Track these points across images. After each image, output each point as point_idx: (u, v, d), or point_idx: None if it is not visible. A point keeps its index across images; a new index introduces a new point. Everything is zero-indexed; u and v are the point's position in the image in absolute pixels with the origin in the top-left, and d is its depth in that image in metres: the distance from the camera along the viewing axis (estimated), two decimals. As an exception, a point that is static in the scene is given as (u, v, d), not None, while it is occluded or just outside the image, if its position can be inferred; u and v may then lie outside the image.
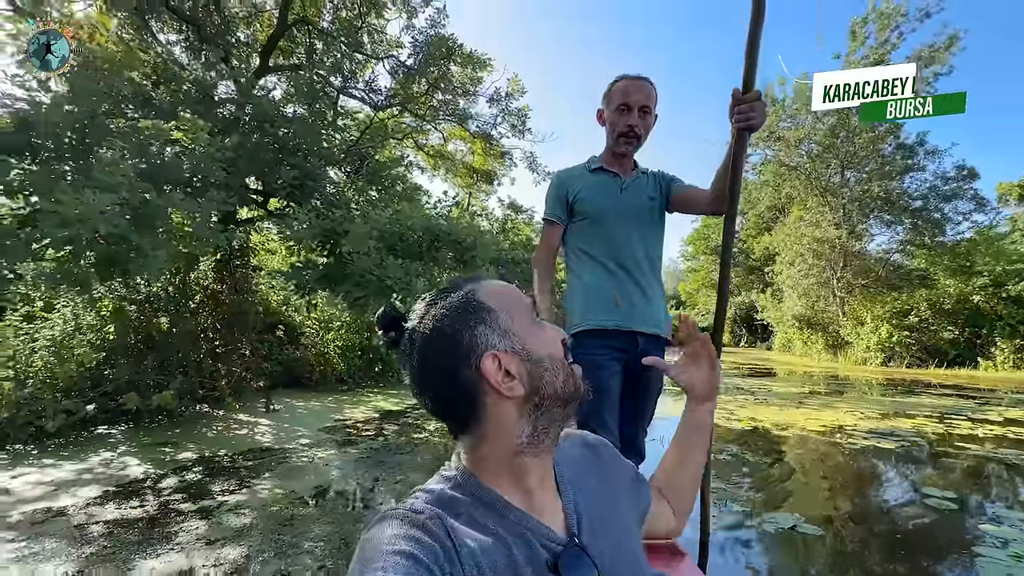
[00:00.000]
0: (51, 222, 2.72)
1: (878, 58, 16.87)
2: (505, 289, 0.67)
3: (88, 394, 5.17)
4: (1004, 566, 2.41)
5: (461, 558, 0.53)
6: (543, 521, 0.62)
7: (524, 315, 0.65)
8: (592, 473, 0.74)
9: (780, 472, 4.11)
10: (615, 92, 1.67)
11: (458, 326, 0.62)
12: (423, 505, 0.58)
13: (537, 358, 0.63)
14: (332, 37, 8.30)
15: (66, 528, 2.77)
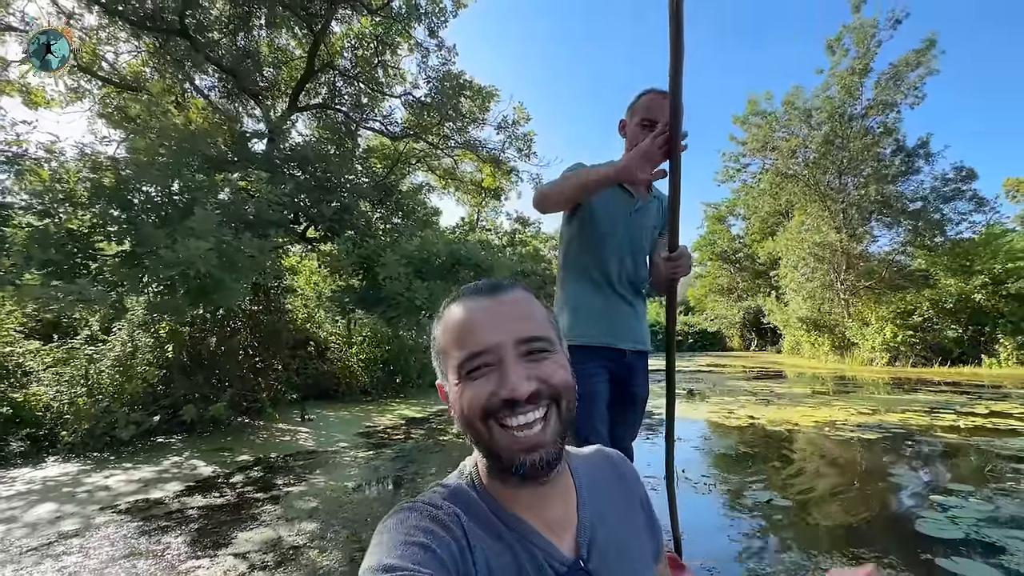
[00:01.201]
0: (157, 263, 3.37)
1: (862, 68, 17.44)
2: (451, 331, 0.63)
3: (151, 407, 5.83)
4: (940, 525, 2.94)
5: (475, 558, 0.53)
6: (551, 538, 0.60)
7: (450, 363, 0.62)
8: (613, 497, 0.71)
9: (765, 459, 4.64)
10: (639, 106, 1.65)
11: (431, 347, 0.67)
12: (442, 501, 0.58)
13: (453, 407, 0.62)
14: (353, 78, 9.09)
15: (168, 512, 3.39)
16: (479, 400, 0.57)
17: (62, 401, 5.50)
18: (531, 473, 0.57)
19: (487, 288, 0.64)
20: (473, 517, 0.58)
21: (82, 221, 4.08)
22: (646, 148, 1.29)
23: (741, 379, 13.33)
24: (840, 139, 18.91)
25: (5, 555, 2.73)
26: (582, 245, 1.73)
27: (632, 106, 1.68)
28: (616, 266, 1.70)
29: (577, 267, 1.76)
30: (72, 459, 4.95)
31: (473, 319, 0.61)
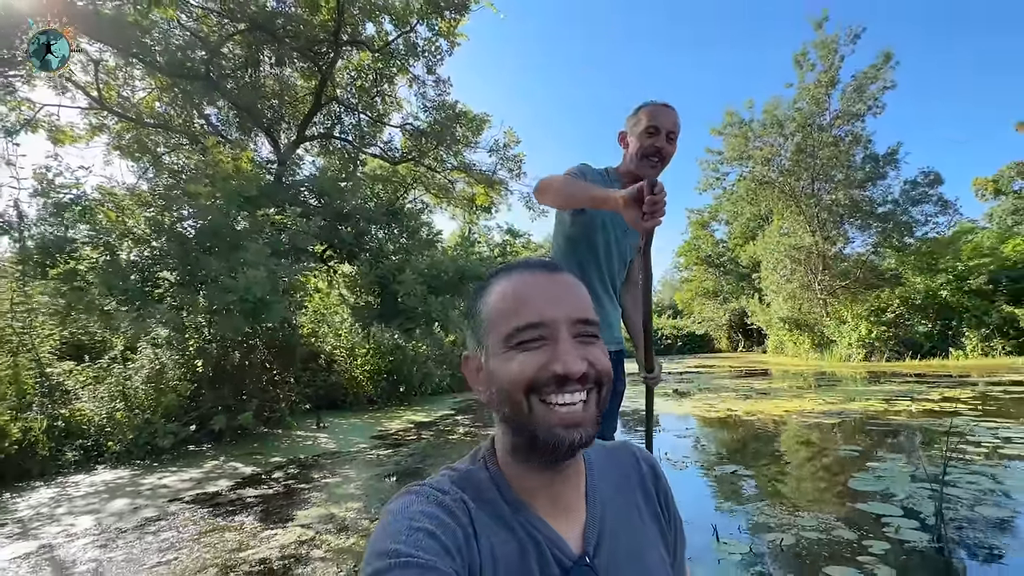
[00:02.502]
0: (215, 289, 3.99)
1: (828, 81, 18.59)
2: (504, 301, 0.60)
3: (184, 418, 6.37)
4: (867, 482, 3.64)
5: (480, 545, 0.52)
6: (558, 529, 0.58)
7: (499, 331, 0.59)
8: (630, 495, 0.68)
9: (735, 442, 5.34)
10: (643, 115, 1.70)
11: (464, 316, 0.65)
12: (449, 485, 0.57)
13: (491, 380, 0.59)
14: (356, 110, 9.80)
15: (230, 501, 3.98)
16: (527, 372, 0.55)
17: (100, 415, 6.04)
18: (567, 450, 0.55)
19: (541, 265, 0.63)
20: (480, 503, 0.56)
21: (143, 255, 4.70)
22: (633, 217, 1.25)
23: (726, 378, 14.07)
24: (811, 147, 19.98)
25: (108, 536, 3.32)
26: (582, 245, 1.76)
27: (634, 116, 1.72)
28: (607, 269, 1.78)
29: (574, 266, 1.78)
30: (120, 466, 5.50)
31: (531, 291, 0.59)
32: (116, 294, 4.59)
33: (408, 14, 9.07)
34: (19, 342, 6.05)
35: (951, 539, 2.59)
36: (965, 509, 3.02)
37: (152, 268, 4.78)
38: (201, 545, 3.04)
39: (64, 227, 4.83)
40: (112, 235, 4.67)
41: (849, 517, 3.01)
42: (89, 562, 2.88)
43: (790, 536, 2.74)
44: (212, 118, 8.85)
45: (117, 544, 3.13)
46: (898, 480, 3.65)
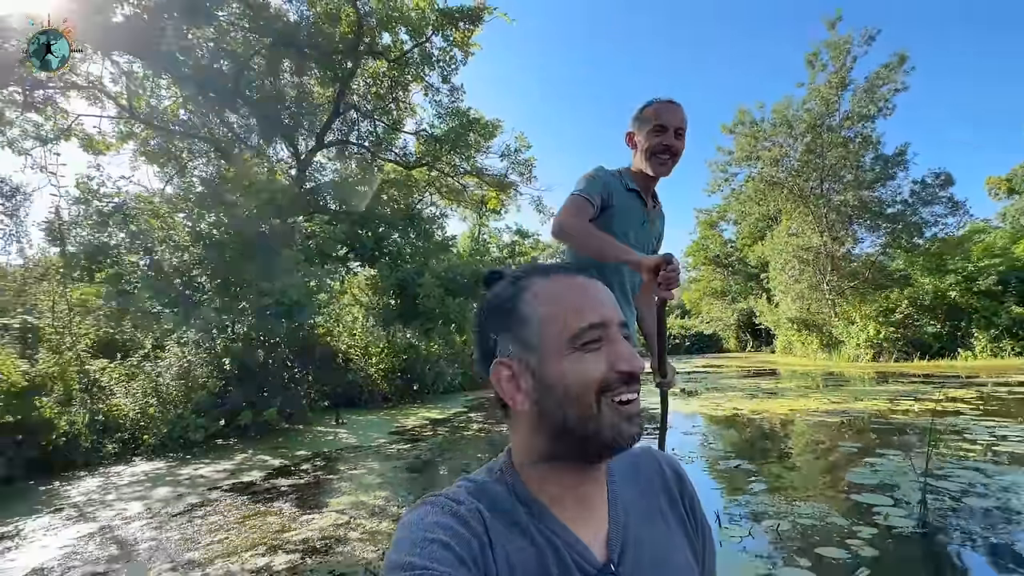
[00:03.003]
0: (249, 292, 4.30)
1: (839, 82, 18.63)
2: (562, 298, 0.59)
3: (213, 413, 6.71)
4: (863, 475, 3.87)
5: (495, 555, 0.52)
6: (581, 537, 0.57)
7: (561, 334, 0.57)
8: (660, 507, 0.66)
9: (740, 438, 5.57)
10: (649, 114, 1.70)
11: (486, 323, 0.61)
12: (465, 496, 0.57)
13: (549, 383, 0.56)
14: (372, 117, 10.12)
15: (265, 489, 4.29)
16: (600, 371, 0.55)
17: (135, 410, 6.39)
18: (629, 443, 0.56)
19: (575, 269, 0.63)
20: (496, 513, 0.56)
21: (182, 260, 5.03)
22: (651, 284, 1.39)
23: (733, 378, 14.25)
24: (820, 148, 20.04)
25: (159, 519, 3.63)
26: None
27: (639, 116, 1.73)
28: (627, 272, 1.76)
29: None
30: (155, 458, 5.84)
31: (583, 293, 0.59)
32: (161, 297, 4.93)
33: (424, 25, 9.38)
34: (59, 340, 6.43)
35: (934, 525, 2.82)
36: (952, 500, 3.24)
37: (191, 272, 5.14)
38: (247, 527, 3.34)
39: (108, 234, 5.17)
40: (153, 242, 5.01)
41: (843, 506, 3.24)
42: (148, 541, 3.19)
43: (786, 523, 2.98)
44: (235, 126, 9.22)
45: (170, 526, 3.44)
46: (893, 474, 3.87)
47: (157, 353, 7.43)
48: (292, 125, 9.18)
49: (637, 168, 1.74)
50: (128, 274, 4.93)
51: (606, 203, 1.70)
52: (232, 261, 4.73)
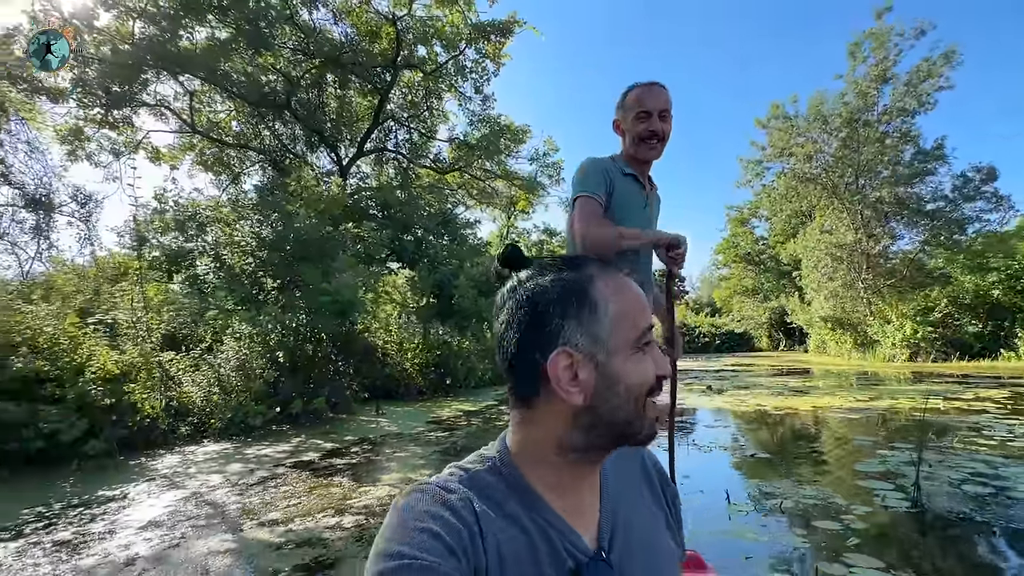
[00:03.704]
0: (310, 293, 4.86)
1: (878, 75, 18.19)
2: (628, 296, 0.60)
3: (268, 401, 7.38)
4: (872, 465, 4.13)
5: (486, 545, 0.53)
6: (574, 526, 0.59)
7: (629, 333, 0.58)
8: (638, 488, 0.70)
9: (758, 431, 5.84)
10: (632, 101, 1.70)
11: (552, 308, 0.58)
12: (456, 484, 0.57)
13: (612, 380, 0.57)
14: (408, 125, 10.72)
15: (324, 467, 4.85)
16: (651, 375, 0.58)
17: (201, 397, 7.10)
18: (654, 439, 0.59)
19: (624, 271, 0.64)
20: (487, 501, 0.56)
21: (247, 263, 5.68)
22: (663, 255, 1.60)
23: (762, 376, 14.26)
24: (856, 143, 19.63)
25: (239, 488, 4.21)
26: None
27: (622, 103, 1.74)
28: (642, 259, 1.75)
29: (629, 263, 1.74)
30: (221, 440, 6.51)
31: (642, 293, 0.61)
32: (234, 296, 5.58)
33: (457, 39, 9.89)
34: (136, 334, 7.21)
35: (925, 505, 3.11)
36: (950, 487, 3.50)
37: (256, 274, 5.78)
38: (314, 495, 3.88)
39: (184, 239, 5.86)
40: (221, 247, 5.67)
41: (845, 490, 3.54)
42: (234, 504, 3.76)
43: (790, 502, 3.31)
44: (283, 137, 9.97)
45: (249, 493, 4.02)
46: (900, 465, 4.12)
47: (216, 347, 8.19)
48: (334, 134, 9.85)
49: (629, 154, 1.75)
50: (203, 275, 5.60)
51: (608, 190, 1.70)
52: (292, 264, 5.33)
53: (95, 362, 5.55)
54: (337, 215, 6.33)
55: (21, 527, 3.40)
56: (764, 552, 2.57)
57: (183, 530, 3.24)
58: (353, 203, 7.55)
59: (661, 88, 1.70)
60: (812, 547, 2.61)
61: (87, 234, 10.25)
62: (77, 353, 5.47)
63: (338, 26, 9.27)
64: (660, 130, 1.68)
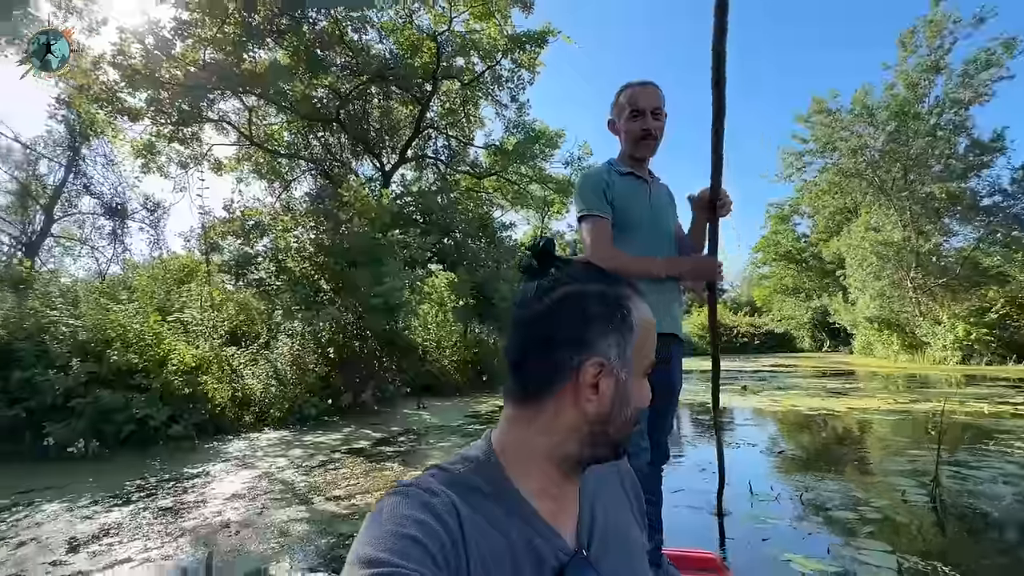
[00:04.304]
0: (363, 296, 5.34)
1: (931, 65, 17.44)
2: (651, 325, 0.64)
3: (320, 394, 7.97)
4: (898, 464, 4.24)
5: (468, 550, 0.52)
6: (555, 525, 0.60)
7: (643, 360, 0.63)
8: (614, 493, 0.73)
9: (788, 429, 5.95)
10: (625, 101, 1.73)
11: (599, 315, 0.60)
12: (439, 487, 0.56)
13: (626, 399, 0.61)
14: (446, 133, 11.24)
15: (376, 453, 5.31)
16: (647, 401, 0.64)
17: (260, 389, 7.75)
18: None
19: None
20: (471, 506, 0.56)
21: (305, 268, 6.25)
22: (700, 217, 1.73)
23: (800, 377, 14.03)
24: (906, 137, 18.90)
25: (303, 469, 4.72)
26: (617, 237, 1.75)
27: (616, 103, 1.78)
28: (655, 251, 1.76)
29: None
30: (281, 429, 7.11)
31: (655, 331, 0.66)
32: (296, 299, 6.16)
33: (494, 51, 10.30)
34: (204, 330, 7.94)
35: (944, 501, 3.25)
36: (975, 484, 3.61)
37: (313, 277, 6.35)
38: (370, 477, 4.33)
39: (250, 245, 6.49)
40: (285, 252, 6.26)
41: (867, 484, 3.70)
42: (301, 482, 4.25)
43: (811, 493, 3.51)
44: (331, 146, 10.67)
45: (313, 474, 4.51)
46: (929, 464, 4.21)
47: (271, 343, 8.89)
48: (378, 142, 10.43)
49: (626, 154, 1.80)
50: (268, 278, 6.20)
51: (609, 200, 1.73)
52: (346, 268, 5.84)
53: (175, 356, 6.22)
54: (388, 223, 6.83)
55: (128, 495, 3.99)
56: (780, 535, 2.81)
57: (263, 502, 3.73)
58: (398, 211, 8.08)
59: (654, 87, 1.74)
60: (826, 531, 2.83)
61: (156, 238, 11.25)
62: (160, 348, 6.15)
63: (383, 43, 9.87)
64: (653, 128, 1.71)
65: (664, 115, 1.76)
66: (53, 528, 3.27)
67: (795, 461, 4.55)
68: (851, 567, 2.38)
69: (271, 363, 8.11)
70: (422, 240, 7.13)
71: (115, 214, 10.89)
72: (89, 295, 7.02)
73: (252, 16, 7.58)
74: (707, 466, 4.25)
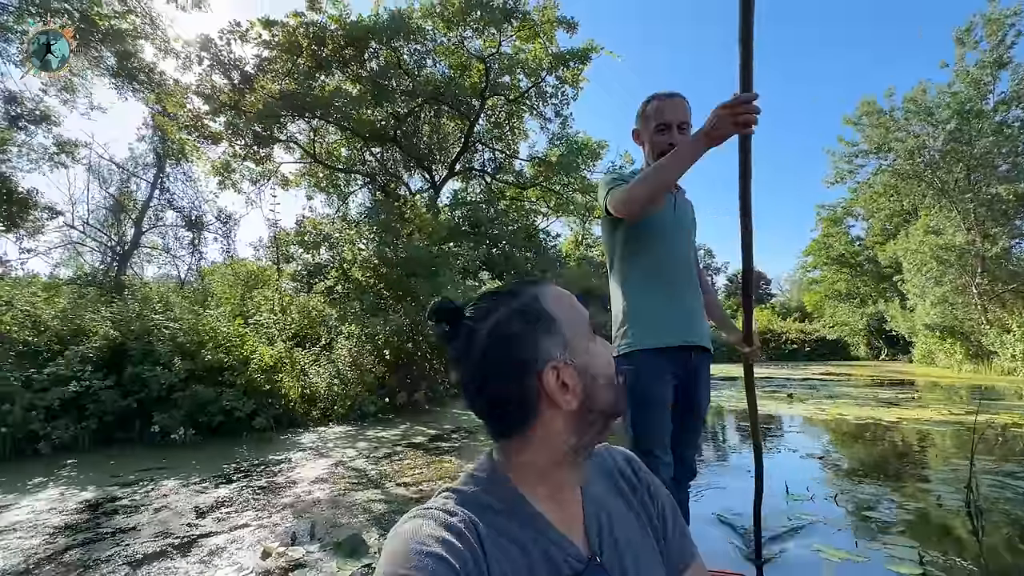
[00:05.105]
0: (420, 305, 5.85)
1: (994, 61, 16.59)
2: (567, 299, 0.67)
3: (378, 393, 8.62)
4: (940, 472, 4.33)
5: (490, 567, 0.54)
6: (565, 533, 0.62)
7: (583, 329, 0.65)
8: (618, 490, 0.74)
9: (831, 435, 6.03)
10: (651, 113, 1.71)
11: (523, 333, 0.62)
12: (456, 507, 0.58)
13: (592, 372, 0.63)
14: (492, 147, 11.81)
15: (433, 447, 5.81)
16: (609, 352, 0.70)
17: (324, 387, 8.46)
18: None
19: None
20: (487, 522, 0.58)
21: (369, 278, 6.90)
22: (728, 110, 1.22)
23: (851, 386, 13.65)
24: (968, 136, 18.01)
25: (372, 459, 5.27)
26: (636, 249, 1.75)
27: (643, 114, 1.74)
28: (672, 262, 1.74)
29: (634, 271, 1.78)
30: (344, 424, 7.77)
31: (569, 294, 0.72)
32: (364, 306, 6.82)
33: (539, 69, 10.75)
34: (276, 333, 8.75)
35: (979, 506, 3.39)
36: (1014, 493, 3.70)
37: (377, 287, 7.00)
38: (431, 467, 4.82)
39: (318, 257, 7.22)
40: (349, 264, 6.93)
41: (904, 489, 3.85)
42: (372, 470, 4.79)
43: (846, 495, 3.71)
44: (385, 161, 11.45)
45: (381, 463, 5.05)
46: (966, 474, 4.28)
47: (333, 345, 9.63)
48: (429, 157, 11.10)
49: (650, 164, 1.73)
50: (336, 285, 6.87)
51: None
52: (406, 279, 6.43)
53: (256, 355, 6.97)
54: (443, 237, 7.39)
55: (229, 475, 4.64)
56: (811, 529, 3.06)
57: (342, 485, 4.28)
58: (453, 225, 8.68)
59: (681, 99, 1.69)
60: (856, 528, 3.06)
61: (228, 248, 12.35)
62: (244, 348, 6.91)
63: (437, 66, 10.52)
64: (679, 142, 1.64)
65: (691, 128, 1.70)
66: (177, 499, 3.92)
67: (835, 466, 4.71)
68: (875, 557, 2.63)
69: (333, 363, 8.83)
70: (474, 252, 7.68)
71: (193, 226, 12.03)
72: (181, 300, 7.94)
73: (322, 49, 8.41)
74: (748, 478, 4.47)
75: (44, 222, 9.14)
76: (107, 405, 5.81)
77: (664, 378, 1.68)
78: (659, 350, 1.68)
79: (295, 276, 7.71)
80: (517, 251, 10.43)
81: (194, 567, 2.66)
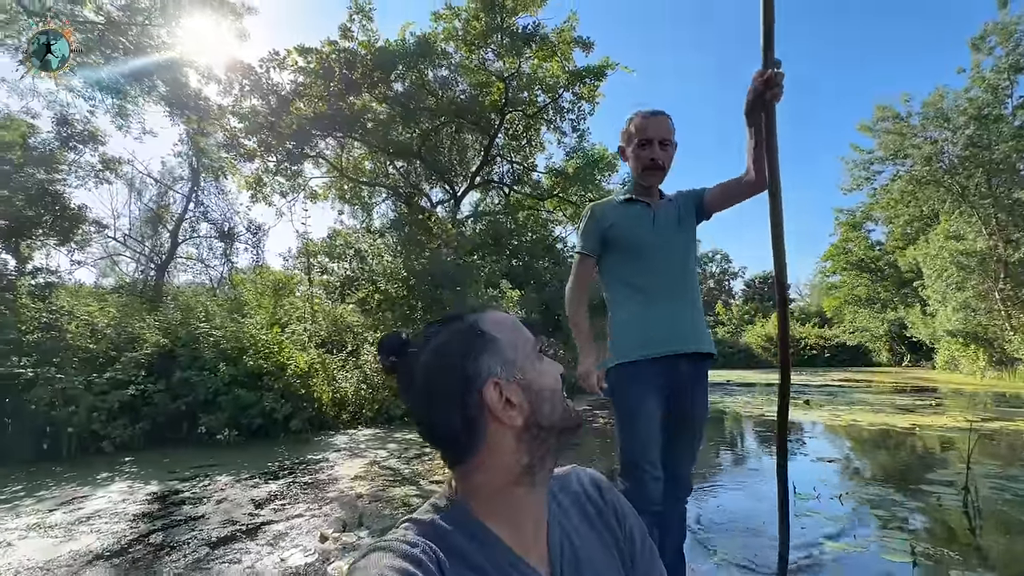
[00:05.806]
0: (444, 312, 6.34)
1: (1011, 65, 16.52)
2: (508, 320, 0.69)
3: (403, 398, 9.00)
4: (945, 475, 4.54)
5: None
6: (530, 560, 0.63)
7: (526, 347, 0.67)
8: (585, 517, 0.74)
9: (843, 440, 6.23)
10: (632, 129, 1.76)
11: (462, 353, 0.64)
12: (415, 537, 0.58)
13: (537, 388, 0.64)
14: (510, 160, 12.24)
15: (458, 449, 6.17)
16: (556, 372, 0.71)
17: (351, 391, 8.89)
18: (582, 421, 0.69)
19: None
20: (447, 550, 0.59)
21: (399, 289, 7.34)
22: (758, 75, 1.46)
23: (869, 393, 13.65)
24: (987, 141, 17.90)
25: (404, 459, 5.64)
26: (617, 263, 1.83)
27: (626, 131, 1.80)
28: (651, 275, 1.76)
29: (612, 289, 1.86)
30: (372, 427, 8.18)
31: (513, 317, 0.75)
32: (396, 316, 7.26)
33: (556, 86, 11.15)
34: (307, 341, 9.22)
35: (976, 505, 3.62)
36: (1012, 495, 3.91)
37: (407, 297, 7.44)
38: (460, 467, 5.17)
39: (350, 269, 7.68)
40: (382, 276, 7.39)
41: (908, 490, 4.08)
42: (405, 468, 5.16)
43: (851, 497, 3.96)
44: (408, 174, 11.94)
45: (413, 463, 5.41)
46: (976, 477, 4.48)
47: (359, 351, 10.08)
48: (449, 170, 11.55)
49: (636, 182, 1.85)
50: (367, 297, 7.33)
51: (606, 235, 1.81)
52: (434, 290, 6.85)
53: (292, 361, 7.42)
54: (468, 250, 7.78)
55: (275, 473, 5.05)
56: (813, 523, 3.34)
57: (380, 482, 4.65)
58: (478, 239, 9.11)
59: (664, 117, 1.75)
60: (857, 524, 3.32)
61: (257, 258, 12.93)
62: (281, 355, 7.37)
63: (459, 85, 10.98)
64: (660, 158, 1.73)
65: (673, 145, 1.78)
66: (234, 492, 4.34)
67: (840, 467, 4.94)
68: (870, 548, 2.90)
69: (359, 369, 9.26)
70: (497, 264, 8.07)
71: (226, 237, 12.65)
72: (219, 308, 8.45)
73: (352, 73, 8.93)
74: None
75: (92, 235, 9.71)
76: (159, 407, 6.30)
77: (647, 390, 1.68)
78: (641, 362, 1.70)
79: (326, 286, 8.21)
80: (535, 261, 10.81)
81: (264, 548, 3.04)
